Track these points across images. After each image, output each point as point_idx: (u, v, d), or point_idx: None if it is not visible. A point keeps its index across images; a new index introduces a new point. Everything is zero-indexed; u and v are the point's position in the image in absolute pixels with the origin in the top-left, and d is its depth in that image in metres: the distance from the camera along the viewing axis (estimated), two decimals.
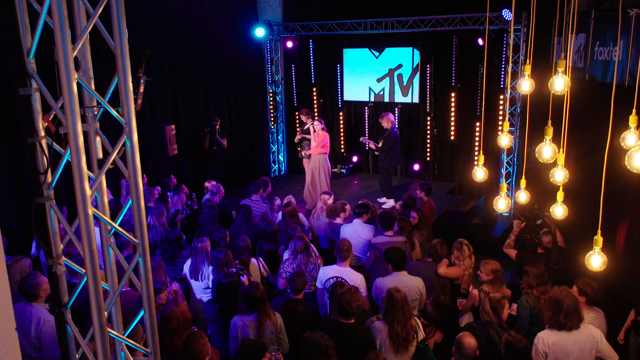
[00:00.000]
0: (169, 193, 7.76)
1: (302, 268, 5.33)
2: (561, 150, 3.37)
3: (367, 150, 11.80)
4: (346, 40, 11.12)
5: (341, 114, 11.95)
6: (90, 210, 1.94)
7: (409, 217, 6.54)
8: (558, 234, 5.80)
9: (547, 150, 3.18)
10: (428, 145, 11.02)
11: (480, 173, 4.46)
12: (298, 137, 10.43)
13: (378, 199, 9.44)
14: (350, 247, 5.23)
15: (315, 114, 12.03)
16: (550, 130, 3.19)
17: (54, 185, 2.02)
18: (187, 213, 7.43)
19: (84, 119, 2.04)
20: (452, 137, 10.70)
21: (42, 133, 1.98)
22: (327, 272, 5.20)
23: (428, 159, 11.08)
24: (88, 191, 1.92)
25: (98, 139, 2.13)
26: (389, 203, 9.25)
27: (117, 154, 2.09)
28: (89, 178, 2.05)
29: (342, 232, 6.29)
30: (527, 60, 3.81)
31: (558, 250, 5.56)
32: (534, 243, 5.92)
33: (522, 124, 9.47)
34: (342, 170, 11.95)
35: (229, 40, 10.96)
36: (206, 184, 8.34)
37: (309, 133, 10.44)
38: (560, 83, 3.06)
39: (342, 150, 12.14)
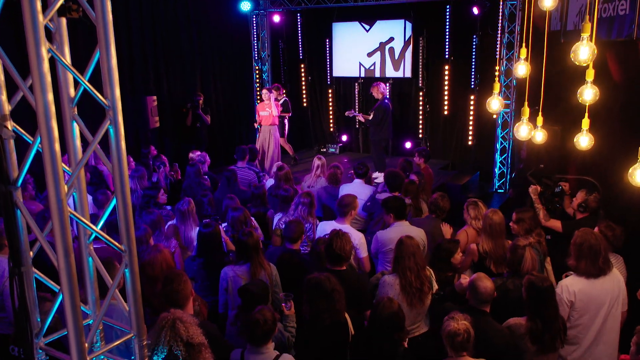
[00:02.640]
0: (150, 158, 7.30)
1: None
2: (590, 64, 3.02)
3: (357, 128, 11.43)
4: (335, 13, 10.73)
5: (330, 90, 11.54)
6: (44, 49, 1.50)
7: None
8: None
9: (584, 51, 2.82)
10: (420, 122, 10.67)
11: (495, 103, 4.08)
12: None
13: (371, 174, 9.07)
14: (351, 202, 4.81)
15: (304, 89, 11.65)
16: (587, 27, 2.82)
17: None
18: (172, 180, 6.98)
19: None
20: (446, 112, 10.36)
21: None
22: (325, 228, 4.77)
23: (420, 136, 10.73)
24: (41, 19, 1.47)
25: None
26: (381, 177, 8.87)
27: None
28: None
29: (342, 192, 5.88)
30: None
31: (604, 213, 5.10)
32: (557, 212, 5.50)
33: (518, 97, 9.16)
34: (331, 150, 11.54)
35: (213, 13, 10.50)
36: (190, 154, 7.88)
37: (287, 111, 10.06)
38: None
39: (332, 129, 11.73)
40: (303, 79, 11.67)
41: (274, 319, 3.03)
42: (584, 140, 3.43)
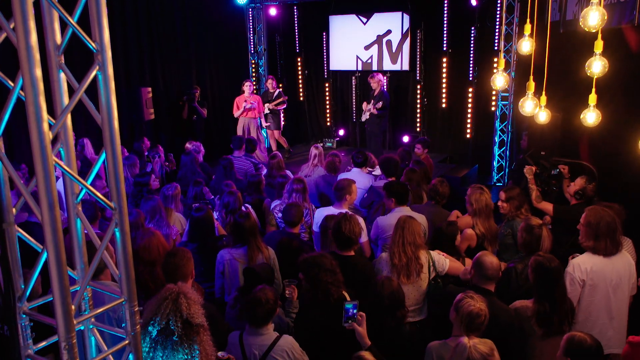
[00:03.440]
0: (144, 150, 7.17)
1: None
2: (599, 35, 2.92)
3: (355, 122, 11.32)
4: (332, 6, 10.62)
5: (327, 84, 11.43)
6: None
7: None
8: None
9: (593, 16, 2.72)
10: (418, 116, 10.57)
11: (500, 80, 3.98)
12: (271, 106, 9.94)
13: (368, 167, 8.95)
14: (346, 186, 4.70)
15: (300, 83, 11.55)
16: None
17: None
18: (167, 170, 6.86)
19: None
20: (444, 105, 10.27)
21: None
22: (323, 214, 4.65)
23: (418, 129, 10.63)
24: None
25: None
26: (379, 169, 8.76)
27: None
28: None
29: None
30: None
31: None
32: (554, 195, 5.45)
33: (517, 89, 9.08)
34: (328, 144, 11.42)
35: (209, 6, 10.39)
36: (187, 144, 7.78)
37: (283, 103, 10.01)
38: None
39: (328, 124, 11.63)
40: (300, 73, 11.56)
41: (276, 300, 2.92)
42: (590, 117, 3.33)
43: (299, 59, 11.51)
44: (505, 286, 3.55)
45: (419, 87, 10.43)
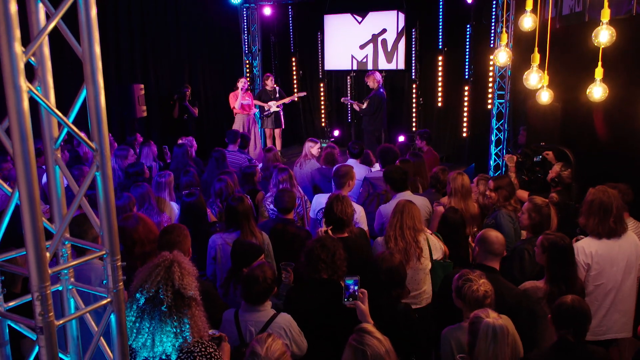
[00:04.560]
0: (137, 145, 7.02)
1: None
2: (605, 3, 2.83)
3: (350, 122, 11.22)
4: (327, 5, 10.56)
5: (322, 85, 11.34)
6: None
7: None
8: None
9: None
10: (414, 115, 10.49)
11: (502, 55, 3.87)
12: (284, 101, 9.86)
13: (366, 165, 8.82)
14: (349, 172, 4.57)
15: (295, 84, 11.46)
16: None
17: None
18: (161, 165, 6.70)
19: None
20: (439, 104, 10.19)
21: None
22: (321, 201, 4.52)
23: (414, 129, 10.53)
24: None
25: None
26: (374, 167, 8.64)
27: None
28: None
29: None
30: None
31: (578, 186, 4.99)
32: (539, 182, 5.40)
33: (513, 87, 9.00)
34: (323, 145, 11.27)
35: (203, 5, 10.30)
36: (179, 141, 7.62)
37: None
38: None
39: (323, 124, 11.51)
40: (294, 73, 11.47)
41: (274, 279, 2.76)
42: (597, 91, 3.22)
43: (293, 59, 11.43)
44: (519, 269, 3.41)
45: (414, 86, 10.36)
